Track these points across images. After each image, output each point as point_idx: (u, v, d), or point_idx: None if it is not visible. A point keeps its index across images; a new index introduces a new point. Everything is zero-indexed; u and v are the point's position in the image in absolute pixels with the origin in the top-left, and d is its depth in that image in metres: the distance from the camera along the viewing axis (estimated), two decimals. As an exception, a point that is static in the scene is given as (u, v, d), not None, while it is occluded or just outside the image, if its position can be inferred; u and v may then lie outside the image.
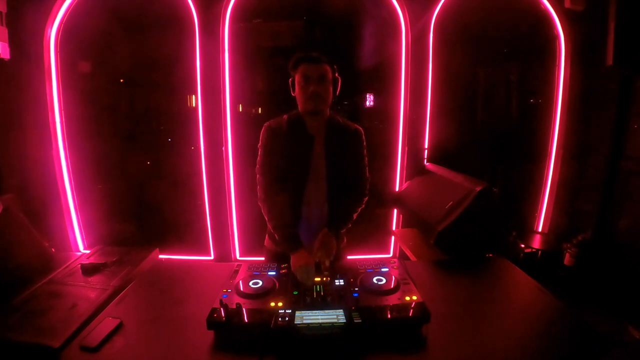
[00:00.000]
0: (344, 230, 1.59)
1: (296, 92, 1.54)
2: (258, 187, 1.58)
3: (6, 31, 2.43)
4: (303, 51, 1.51)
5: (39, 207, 2.70)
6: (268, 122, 1.60)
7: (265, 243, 1.73)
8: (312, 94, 1.48)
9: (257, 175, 1.59)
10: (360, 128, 1.64)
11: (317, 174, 1.56)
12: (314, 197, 1.58)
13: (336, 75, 1.55)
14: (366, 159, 1.67)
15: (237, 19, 2.74)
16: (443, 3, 2.68)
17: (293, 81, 1.54)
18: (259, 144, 1.59)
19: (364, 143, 1.65)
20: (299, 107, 1.57)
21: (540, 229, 3.02)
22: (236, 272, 1.39)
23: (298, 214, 1.57)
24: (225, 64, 2.70)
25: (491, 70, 3.08)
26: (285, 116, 1.61)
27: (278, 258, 1.57)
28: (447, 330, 1.16)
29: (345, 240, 1.73)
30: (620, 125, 2.45)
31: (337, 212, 1.59)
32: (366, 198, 1.66)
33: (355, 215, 1.62)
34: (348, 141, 1.61)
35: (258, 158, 1.59)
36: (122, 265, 2.08)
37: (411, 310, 1.12)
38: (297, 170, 1.55)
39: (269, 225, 1.55)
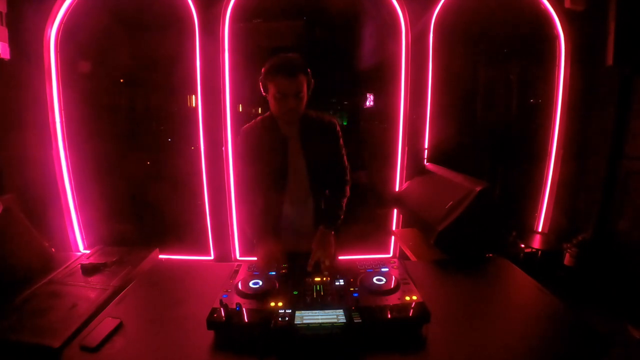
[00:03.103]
0: (339, 222, 1.62)
1: (270, 100, 1.52)
2: (241, 195, 1.62)
3: (6, 31, 2.44)
4: (278, 58, 1.47)
5: (39, 207, 2.70)
6: (244, 127, 1.61)
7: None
8: (287, 110, 1.47)
9: (239, 185, 1.63)
10: (334, 119, 1.65)
11: (296, 172, 1.58)
12: (296, 196, 1.60)
13: (310, 80, 1.52)
14: (344, 149, 1.67)
15: (237, 19, 2.74)
16: (443, 3, 2.68)
17: (265, 86, 1.51)
18: (239, 151, 1.61)
19: (340, 133, 1.65)
20: (272, 111, 1.56)
21: (540, 229, 3.02)
22: (236, 272, 1.39)
23: (279, 213, 1.60)
24: (225, 64, 2.69)
25: (491, 70, 3.08)
26: (259, 118, 1.62)
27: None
28: (447, 330, 1.16)
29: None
30: (620, 125, 2.45)
31: (326, 207, 1.62)
32: (349, 185, 1.69)
33: (344, 205, 1.64)
34: (325, 134, 1.61)
35: (239, 166, 1.63)
36: (122, 265, 2.08)
37: (411, 310, 1.12)
38: (275, 171, 1.57)
39: (246, 227, 1.60)
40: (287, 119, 1.53)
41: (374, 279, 1.30)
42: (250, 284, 1.28)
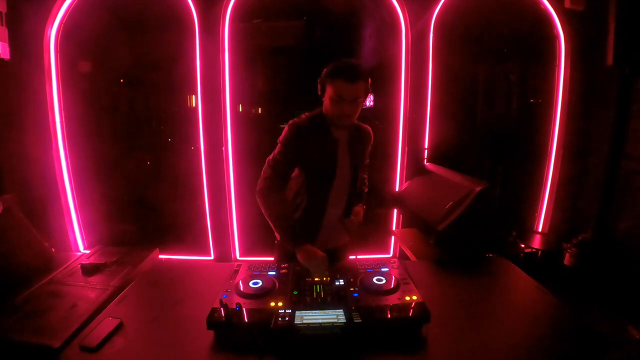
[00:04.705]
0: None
1: (325, 101, 1.53)
2: (262, 178, 1.56)
3: (6, 31, 2.44)
4: (342, 62, 1.47)
5: (39, 207, 2.70)
6: (293, 120, 1.57)
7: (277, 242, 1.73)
8: (342, 115, 1.49)
9: (266, 166, 1.57)
10: (370, 128, 1.72)
11: (342, 175, 1.60)
12: (338, 196, 1.63)
13: (368, 89, 1.52)
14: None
15: (237, 19, 2.74)
16: (443, 3, 2.68)
17: (323, 87, 1.51)
18: (280, 139, 1.57)
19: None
20: (325, 111, 1.55)
21: (540, 229, 3.02)
22: (236, 272, 1.39)
23: (321, 215, 1.62)
24: (225, 64, 2.69)
25: (491, 70, 3.08)
26: (308, 115, 1.59)
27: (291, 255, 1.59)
28: (447, 330, 1.16)
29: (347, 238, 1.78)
30: (620, 125, 2.45)
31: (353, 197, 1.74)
32: (367, 179, 1.87)
33: (365, 195, 1.83)
34: (366, 141, 1.69)
35: (275, 151, 1.57)
36: (122, 265, 2.08)
37: (411, 310, 1.12)
38: (325, 173, 1.57)
39: (268, 220, 1.55)
40: (339, 123, 1.54)
41: (374, 279, 1.30)
42: (250, 284, 1.28)
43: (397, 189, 2.86)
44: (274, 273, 1.38)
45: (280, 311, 1.11)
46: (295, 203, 1.62)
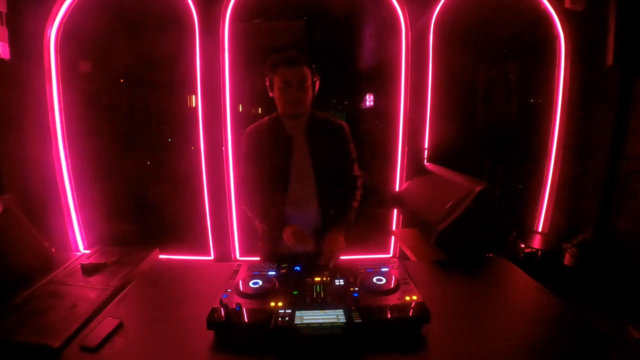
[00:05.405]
0: (346, 227, 1.59)
1: (275, 95, 1.54)
2: (242, 197, 1.59)
3: (6, 31, 2.44)
4: (281, 52, 1.50)
5: (39, 207, 2.70)
6: (249, 128, 1.60)
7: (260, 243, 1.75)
8: (292, 100, 1.49)
9: (240, 184, 1.59)
10: (345, 123, 1.65)
11: (300, 173, 1.56)
12: (300, 198, 1.58)
13: (315, 77, 1.55)
14: (354, 153, 1.67)
15: (237, 19, 2.74)
16: (443, 3, 2.68)
17: (271, 82, 1.53)
18: (242, 152, 1.59)
19: (350, 137, 1.65)
20: (278, 109, 1.58)
21: (540, 229, 3.02)
22: (236, 272, 1.39)
23: (283, 215, 1.57)
24: (225, 64, 2.69)
25: (491, 70, 3.08)
26: (265, 119, 1.62)
27: (272, 258, 1.60)
28: (447, 330, 1.16)
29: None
30: (620, 125, 2.45)
31: (336, 209, 1.60)
32: (359, 192, 1.66)
33: (353, 212, 1.62)
34: (332, 137, 1.62)
35: (241, 166, 1.59)
36: (122, 265, 2.08)
37: (411, 310, 1.12)
38: (278, 171, 1.55)
39: (259, 224, 1.58)
40: (291, 111, 1.53)
41: (374, 279, 1.30)
42: (250, 284, 1.28)
43: (397, 189, 2.86)
44: (274, 273, 1.38)
45: (280, 311, 1.11)
46: None
